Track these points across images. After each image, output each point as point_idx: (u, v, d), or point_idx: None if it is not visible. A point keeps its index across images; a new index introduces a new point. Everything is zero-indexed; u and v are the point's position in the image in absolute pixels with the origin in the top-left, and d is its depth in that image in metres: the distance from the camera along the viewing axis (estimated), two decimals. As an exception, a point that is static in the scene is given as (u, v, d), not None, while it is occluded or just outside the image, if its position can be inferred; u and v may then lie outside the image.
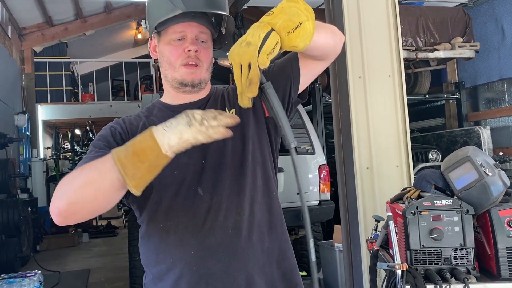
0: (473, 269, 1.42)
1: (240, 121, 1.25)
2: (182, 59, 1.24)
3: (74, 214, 1.02)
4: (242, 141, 1.28)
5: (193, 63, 1.24)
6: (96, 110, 10.04)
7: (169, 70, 1.27)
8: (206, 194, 1.22)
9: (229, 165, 1.25)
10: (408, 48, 5.34)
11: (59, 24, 9.81)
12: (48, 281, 5.11)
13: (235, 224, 1.21)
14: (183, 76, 1.25)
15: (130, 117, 1.35)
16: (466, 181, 1.48)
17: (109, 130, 1.26)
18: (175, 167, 1.20)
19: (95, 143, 1.23)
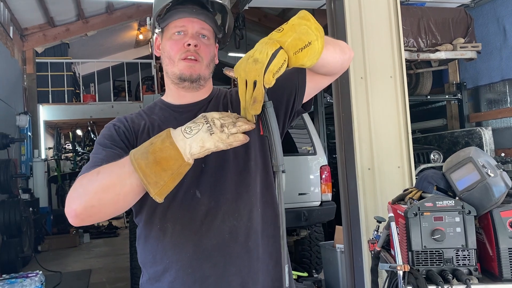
0: (475, 270, 1.41)
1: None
2: (181, 53, 1.23)
3: (91, 216, 1.02)
4: (244, 147, 1.24)
5: (192, 57, 1.24)
6: (97, 111, 10.06)
7: (169, 65, 1.27)
8: (204, 197, 1.21)
9: (229, 170, 1.24)
10: (409, 49, 5.33)
11: (60, 25, 9.83)
12: (50, 282, 5.11)
13: (232, 229, 1.21)
14: (181, 70, 1.24)
15: (132, 115, 1.34)
16: (468, 182, 1.48)
17: (113, 128, 1.26)
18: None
19: (100, 142, 1.22)
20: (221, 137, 0.92)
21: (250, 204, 1.25)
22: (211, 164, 1.24)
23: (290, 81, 1.28)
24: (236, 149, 1.22)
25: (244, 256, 1.22)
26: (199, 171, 1.23)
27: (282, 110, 1.30)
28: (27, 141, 8.67)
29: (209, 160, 1.22)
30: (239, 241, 1.21)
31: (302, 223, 4.72)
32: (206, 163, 1.23)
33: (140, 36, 12.66)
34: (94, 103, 10.29)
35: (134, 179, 0.96)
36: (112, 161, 1.08)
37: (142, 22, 11.70)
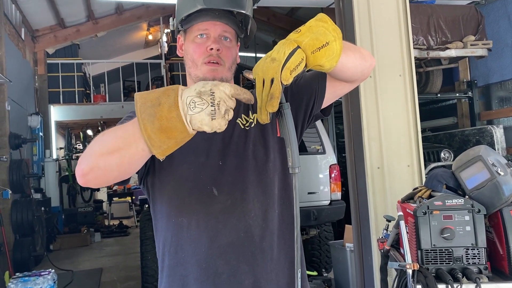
0: (485, 269, 1.41)
1: (263, 129, 1.29)
2: (204, 57, 1.25)
3: (97, 178, 1.05)
4: (264, 148, 1.28)
5: (215, 61, 1.25)
6: (107, 111, 10.13)
7: (192, 68, 1.28)
8: (221, 195, 1.22)
9: (247, 170, 1.25)
10: (419, 47, 5.30)
11: (71, 26, 9.91)
12: (62, 280, 5.18)
13: (247, 228, 1.22)
14: (204, 74, 1.25)
15: None
16: (477, 181, 1.47)
17: (127, 117, 1.28)
18: (192, 164, 1.23)
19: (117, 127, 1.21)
20: (221, 123, 0.92)
21: (267, 204, 1.25)
22: (229, 163, 1.25)
23: (310, 85, 1.29)
24: (255, 150, 1.27)
25: (258, 256, 1.23)
26: (217, 169, 1.24)
27: (301, 113, 1.31)
28: (38, 142, 8.77)
29: (227, 158, 1.25)
30: (253, 241, 1.22)
31: (311, 222, 4.71)
32: (224, 161, 1.24)
33: (150, 36, 12.73)
34: (104, 104, 10.36)
35: (140, 143, 0.97)
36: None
37: (151, 22, 11.76)
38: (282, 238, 1.27)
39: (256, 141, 1.28)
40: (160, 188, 1.25)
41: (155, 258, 4.32)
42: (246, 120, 1.32)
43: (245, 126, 1.30)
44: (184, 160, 1.23)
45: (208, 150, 1.25)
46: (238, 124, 1.30)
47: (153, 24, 12.05)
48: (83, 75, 10.68)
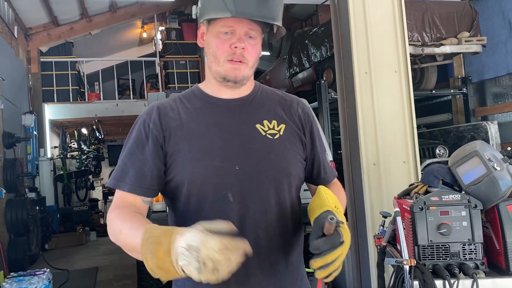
0: (482, 264, 1.41)
1: (290, 142, 1.28)
2: (227, 55, 1.21)
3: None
4: (285, 162, 1.26)
5: (238, 60, 1.22)
6: (102, 109, 10.07)
7: (214, 63, 1.25)
8: (235, 202, 1.20)
9: (263, 179, 1.22)
10: (414, 43, 5.30)
11: (64, 24, 9.84)
12: (57, 279, 5.15)
13: (256, 240, 1.20)
14: (226, 71, 1.23)
15: (166, 104, 1.30)
16: (474, 176, 1.47)
17: (142, 128, 1.24)
18: (208, 168, 1.20)
19: (129, 144, 1.25)
20: (209, 278, 0.90)
21: (278, 216, 1.24)
22: (246, 169, 1.21)
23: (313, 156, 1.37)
24: (277, 161, 1.24)
25: (267, 269, 1.22)
26: (233, 174, 1.20)
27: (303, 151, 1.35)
28: (33, 140, 8.71)
29: (245, 164, 1.22)
30: (260, 253, 1.20)
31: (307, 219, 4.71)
32: (242, 167, 1.21)
33: (144, 34, 12.67)
34: (99, 102, 10.30)
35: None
36: (138, 168, 1.20)
37: (145, 20, 11.71)
38: (291, 253, 1.27)
39: (279, 153, 1.25)
40: (176, 190, 1.23)
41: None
42: (269, 128, 1.28)
43: (267, 134, 1.26)
44: (199, 164, 1.20)
45: (224, 153, 1.22)
46: (258, 130, 1.26)
47: (148, 22, 11.99)
48: (77, 73, 10.61)
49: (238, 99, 1.30)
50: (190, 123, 1.25)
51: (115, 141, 14.98)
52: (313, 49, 6.55)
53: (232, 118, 1.27)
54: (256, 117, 1.28)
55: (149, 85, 11.35)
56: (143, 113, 1.30)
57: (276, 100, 1.36)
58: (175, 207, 1.26)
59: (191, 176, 1.19)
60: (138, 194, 1.21)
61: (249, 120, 1.27)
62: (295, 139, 1.30)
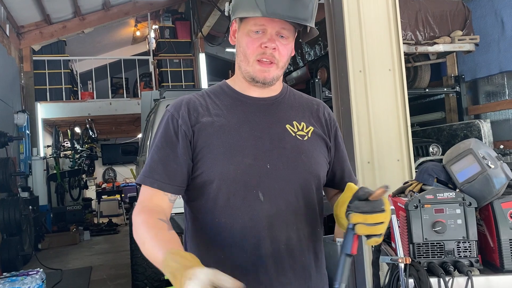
0: (476, 261, 1.42)
1: (315, 143, 1.27)
2: (257, 54, 1.18)
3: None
4: (313, 161, 1.25)
5: (268, 60, 1.19)
6: (95, 108, 10.02)
7: (243, 62, 1.22)
8: (266, 201, 1.17)
9: (294, 180, 1.21)
10: (407, 42, 5.32)
11: (57, 22, 9.77)
12: (50, 279, 5.12)
13: (288, 241, 1.19)
14: (255, 73, 1.20)
15: (194, 99, 1.27)
16: (468, 174, 1.48)
17: (170, 123, 1.22)
18: (240, 165, 1.17)
19: (158, 140, 1.22)
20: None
21: (306, 219, 1.22)
22: (277, 169, 1.19)
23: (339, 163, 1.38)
24: (307, 163, 1.22)
25: (299, 271, 1.20)
26: (264, 173, 1.18)
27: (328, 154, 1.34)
28: (25, 139, 8.64)
29: (276, 163, 1.20)
30: (293, 255, 1.19)
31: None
32: (273, 165, 1.19)
33: (137, 32, 12.61)
34: (92, 101, 10.25)
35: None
36: (167, 164, 1.18)
37: (139, 18, 11.66)
38: (318, 257, 1.27)
39: (309, 155, 1.24)
40: (203, 187, 1.19)
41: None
42: (298, 129, 1.27)
43: (297, 135, 1.25)
44: (231, 161, 1.17)
45: (255, 150, 1.19)
46: (288, 131, 1.25)
47: (141, 20, 11.93)
48: (70, 72, 10.54)
49: (268, 98, 1.28)
50: (221, 119, 1.22)
51: (109, 140, 14.91)
52: (307, 47, 6.55)
53: (262, 116, 1.25)
54: (286, 118, 1.27)
55: (143, 84, 11.30)
56: (170, 107, 1.26)
57: (303, 102, 1.35)
58: (198, 205, 1.22)
59: (222, 172, 1.16)
60: (167, 191, 1.18)
61: (279, 120, 1.26)
62: (322, 143, 1.30)
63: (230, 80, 1.33)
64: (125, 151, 6.42)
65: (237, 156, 1.17)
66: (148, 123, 4.92)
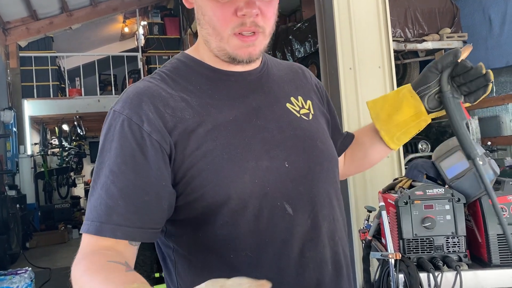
0: (465, 256, 1.44)
1: (320, 120, 0.99)
2: (233, 27, 0.82)
3: None
4: (329, 145, 0.96)
5: (249, 32, 0.83)
6: (83, 105, 9.93)
7: (213, 37, 0.85)
8: (297, 213, 0.84)
9: (319, 175, 0.90)
10: (397, 39, 5.35)
11: (44, 18, 9.65)
12: (39, 278, 5.07)
13: (335, 257, 0.90)
14: (235, 50, 0.84)
15: (155, 88, 0.85)
16: (457, 170, 1.49)
17: (130, 136, 0.79)
18: (255, 172, 0.83)
19: (112, 164, 0.78)
20: None
21: (343, 222, 0.96)
22: (297, 165, 0.87)
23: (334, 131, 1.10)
24: (325, 149, 0.94)
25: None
26: (285, 175, 0.85)
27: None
28: (12, 137, 8.54)
29: (292, 158, 0.87)
30: (343, 274, 0.91)
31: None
32: (291, 162, 0.86)
33: (126, 29, 12.51)
34: (80, 98, 10.15)
35: None
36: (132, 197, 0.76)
37: (127, 14, 11.55)
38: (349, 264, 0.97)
39: (323, 138, 0.95)
40: (205, 214, 0.82)
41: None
42: (298, 106, 0.96)
43: (302, 115, 0.94)
44: (243, 168, 0.82)
45: (266, 146, 0.86)
46: (291, 111, 0.93)
47: (129, 16, 11.84)
48: (57, 69, 10.43)
49: (254, 70, 0.93)
50: (210, 111, 0.84)
51: (97, 137, 14.76)
52: (297, 44, 6.56)
53: (257, 97, 0.90)
54: (282, 94, 0.95)
55: (131, 81, 11.23)
56: (119, 107, 0.82)
57: (288, 70, 1.03)
58: (197, 241, 0.84)
59: (237, 187, 0.81)
60: (137, 239, 0.78)
61: (277, 98, 0.93)
62: (323, 117, 1.02)
63: (194, 51, 0.93)
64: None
65: (248, 159, 0.83)
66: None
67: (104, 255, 0.74)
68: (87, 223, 0.78)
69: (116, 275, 0.69)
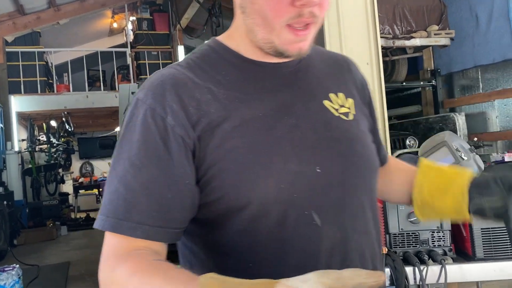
0: (450, 250, 1.46)
1: (361, 122, 0.88)
2: (288, 18, 0.72)
3: None
4: (369, 151, 0.86)
5: (307, 23, 0.74)
6: (72, 101, 9.84)
7: (261, 27, 0.75)
8: (326, 224, 0.76)
9: (356, 184, 0.80)
10: (385, 36, 5.38)
11: (31, 13, 9.52)
12: (27, 275, 5.03)
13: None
14: (285, 44, 0.75)
15: (182, 77, 0.77)
16: (442, 166, 1.52)
17: (154, 128, 0.73)
18: (282, 176, 0.74)
19: (133, 156, 0.72)
20: None
21: (376, 235, 0.85)
22: (330, 171, 0.77)
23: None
24: (364, 154, 0.84)
25: None
26: (315, 181, 0.76)
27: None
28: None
29: (325, 163, 0.78)
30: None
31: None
32: (323, 167, 0.77)
33: (114, 24, 12.40)
34: (68, 93, 10.06)
35: None
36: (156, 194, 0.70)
37: (116, 9, 11.45)
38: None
39: (363, 142, 0.85)
40: (224, 217, 0.75)
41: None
42: (338, 104, 0.85)
43: (340, 114, 0.84)
44: (269, 171, 0.73)
45: (296, 148, 0.76)
46: (328, 109, 0.83)
47: (118, 12, 11.73)
48: (45, 64, 10.31)
49: (291, 63, 0.83)
50: (237, 106, 0.76)
51: (86, 133, 14.67)
52: (287, 41, 6.58)
53: (291, 92, 0.81)
54: (320, 89, 0.85)
55: (120, 77, 11.15)
56: (144, 95, 0.76)
57: (330, 61, 0.92)
58: (212, 243, 0.78)
59: (260, 191, 0.73)
60: (160, 240, 0.72)
61: (313, 94, 0.83)
62: (365, 119, 0.91)
63: (226, 38, 0.85)
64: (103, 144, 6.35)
65: (275, 162, 0.74)
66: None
67: (145, 254, 0.69)
68: (102, 218, 0.73)
69: (174, 273, 0.65)
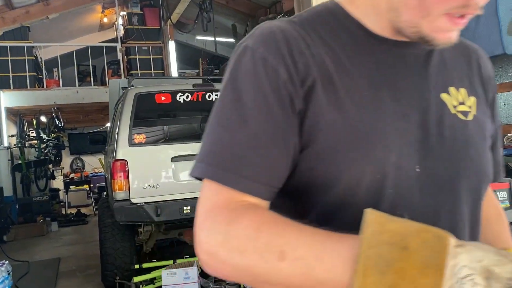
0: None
1: (482, 124, 0.76)
2: (452, 7, 0.62)
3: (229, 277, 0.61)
4: (484, 158, 0.75)
5: (468, 14, 0.64)
6: (62, 96, 9.78)
7: (412, 11, 0.64)
8: None
9: (459, 191, 0.70)
10: (375, 32, 5.43)
11: (20, 7, 9.43)
12: (17, 271, 5.03)
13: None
14: (434, 33, 0.65)
15: (291, 30, 0.68)
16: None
17: (265, 78, 0.65)
18: (380, 166, 0.65)
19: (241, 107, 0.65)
20: None
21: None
22: (431, 171, 0.68)
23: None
24: (478, 160, 0.73)
25: None
26: (413, 180, 0.67)
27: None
28: (-12, 129, 8.39)
29: (428, 163, 0.68)
30: None
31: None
32: (424, 167, 0.68)
33: (105, 19, 12.31)
34: (58, 89, 9.98)
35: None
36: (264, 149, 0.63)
37: (106, 4, 11.37)
38: None
39: (479, 147, 0.74)
40: (304, 193, 0.68)
41: (114, 245, 4.28)
42: (458, 101, 0.74)
43: (458, 112, 0.73)
44: (369, 157, 0.65)
45: (400, 140, 0.67)
46: (445, 104, 0.72)
47: (108, 6, 11.64)
48: (34, 59, 10.23)
49: (417, 45, 0.71)
50: (345, 80, 0.68)
51: (76, 129, 14.59)
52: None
53: (408, 78, 0.71)
54: (440, 80, 0.74)
55: (111, 72, 11.08)
56: (251, 42, 0.68)
57: (459, 50, 0.80)
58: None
59: (352, 176, 0.65)
60: (260, 196, 0.64)
61: (431, 84, 0.73)
62: (488, 122, 0.78)
63: (348, 3, 0.73)
64: (93, 140, 6.31)
65: (377, 149, 0.66)
66: (116, 112, 4.85)
67: (263, 209, 0.63)
68: (202, 166, 0.65)
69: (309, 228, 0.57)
